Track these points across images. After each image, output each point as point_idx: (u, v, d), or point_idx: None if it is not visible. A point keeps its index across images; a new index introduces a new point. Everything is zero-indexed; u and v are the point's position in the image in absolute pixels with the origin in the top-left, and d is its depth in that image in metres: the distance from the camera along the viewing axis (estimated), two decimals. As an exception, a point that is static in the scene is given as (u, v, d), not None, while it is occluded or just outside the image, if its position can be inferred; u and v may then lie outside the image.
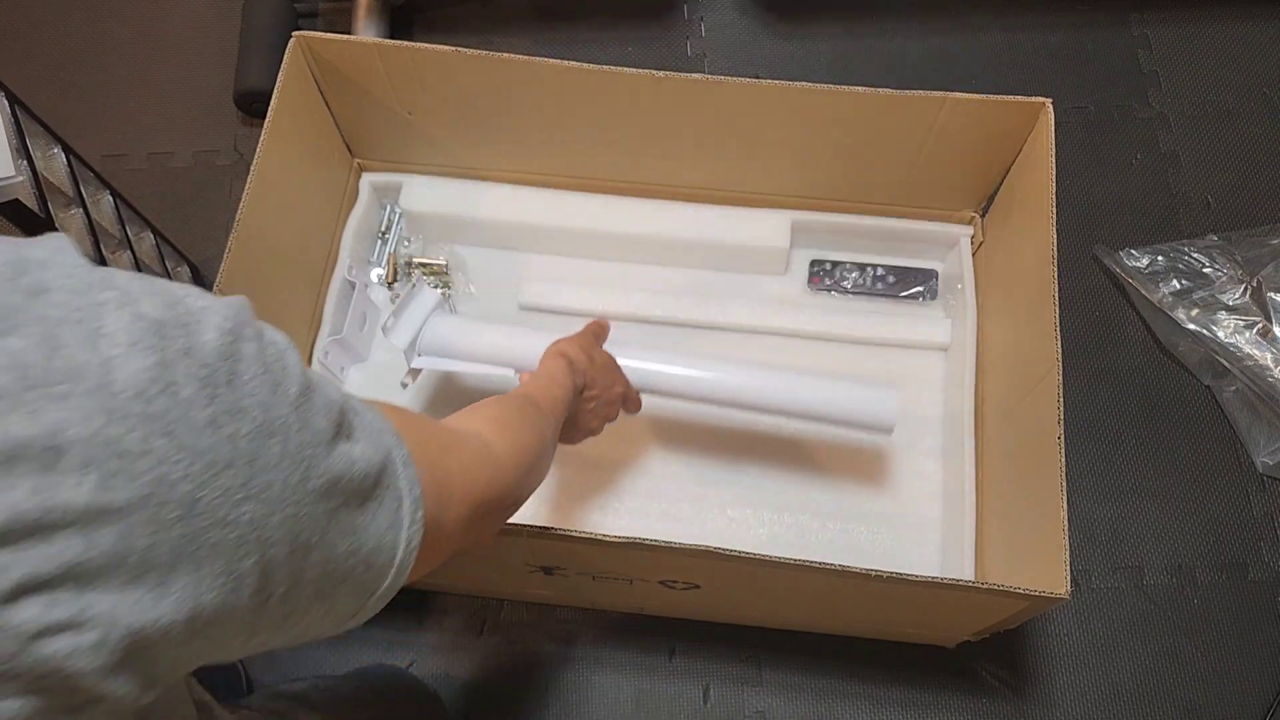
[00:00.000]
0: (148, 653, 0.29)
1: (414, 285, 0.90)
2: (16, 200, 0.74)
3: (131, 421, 0.27)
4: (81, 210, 0.87)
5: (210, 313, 0.31)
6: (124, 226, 0.95)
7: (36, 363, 0.26)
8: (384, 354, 1.00)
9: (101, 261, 0.86)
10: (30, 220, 0.76)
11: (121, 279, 0.30)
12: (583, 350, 0.78)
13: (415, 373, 0.90)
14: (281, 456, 0.31)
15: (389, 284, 1.04)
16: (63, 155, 0.87)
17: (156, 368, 0.28)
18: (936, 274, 1.04)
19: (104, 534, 0.27)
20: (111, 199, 0.95)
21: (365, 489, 0.36)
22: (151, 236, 1.02)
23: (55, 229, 0.80)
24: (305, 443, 0.33)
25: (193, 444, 0.28)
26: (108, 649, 0.27)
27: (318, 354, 0.95)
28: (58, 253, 0.29)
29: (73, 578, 0.26)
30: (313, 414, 0.34)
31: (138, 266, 0.95)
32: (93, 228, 0.88)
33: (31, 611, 0.26)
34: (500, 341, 0.87)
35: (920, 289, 1.03)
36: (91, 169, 0.92)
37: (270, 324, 0.35)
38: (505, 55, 0.85)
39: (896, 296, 1.03)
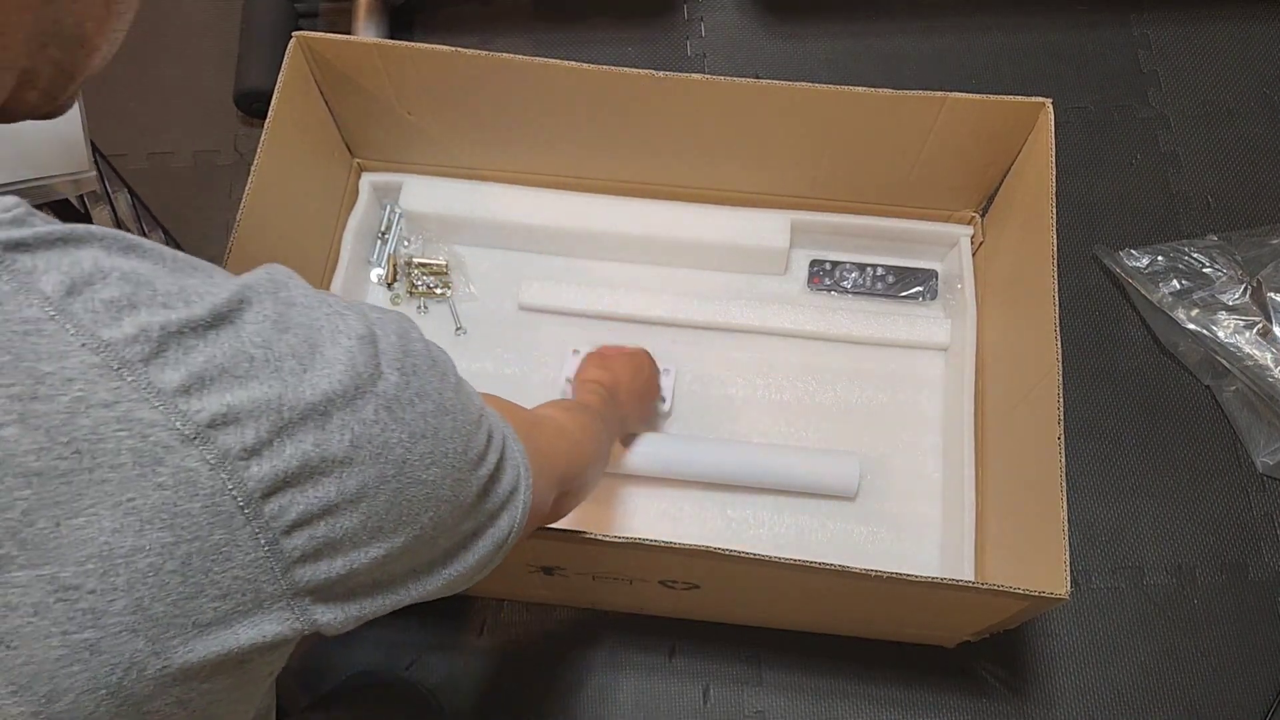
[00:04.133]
0: (349, 581, 0.36)
1: None
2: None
3: (367, 396, 0.35)
4: (109, 206, 0.87)
5: (388, 321, 0.39)
6: (140, 223, 0.96)
7: (305, 353, 0.34)
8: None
9: None
10: (72, 215, 0.76)
11: (323, 295, 0.38)
12: (601, 368, 0.87)
13: None
14: (453, 431, 0.39)
15: (389, 284, 1.04)
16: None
17: (375, 358, 0.36)
18: (936, 274, 1.04)
19: (350, 483, 0.35)
20: (129, 195, 0.95)
21: (496, 461, 0.44)
22: (162, 233, 1.02)
23: (93, 223, 0.80)
24: (465, 422, 0.41)
25: (400, 417, 0.36)
26: (338, 575, 0.35)
27: None
28: (290, 276, 0.37)
29: (327, 516, 0.34)
30: (467, 400, 0.42)
31: None
32: (119, 224, 0.88)
33: (298, 542, 0.33)
34: None
35: (920, 289, 1.03)
36: (111, 165, 0.92)
37: None
38: (505, 55, 0.85)
39: (896, 296, 1.03)
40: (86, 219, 0.79)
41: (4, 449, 0.28)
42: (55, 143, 0.70)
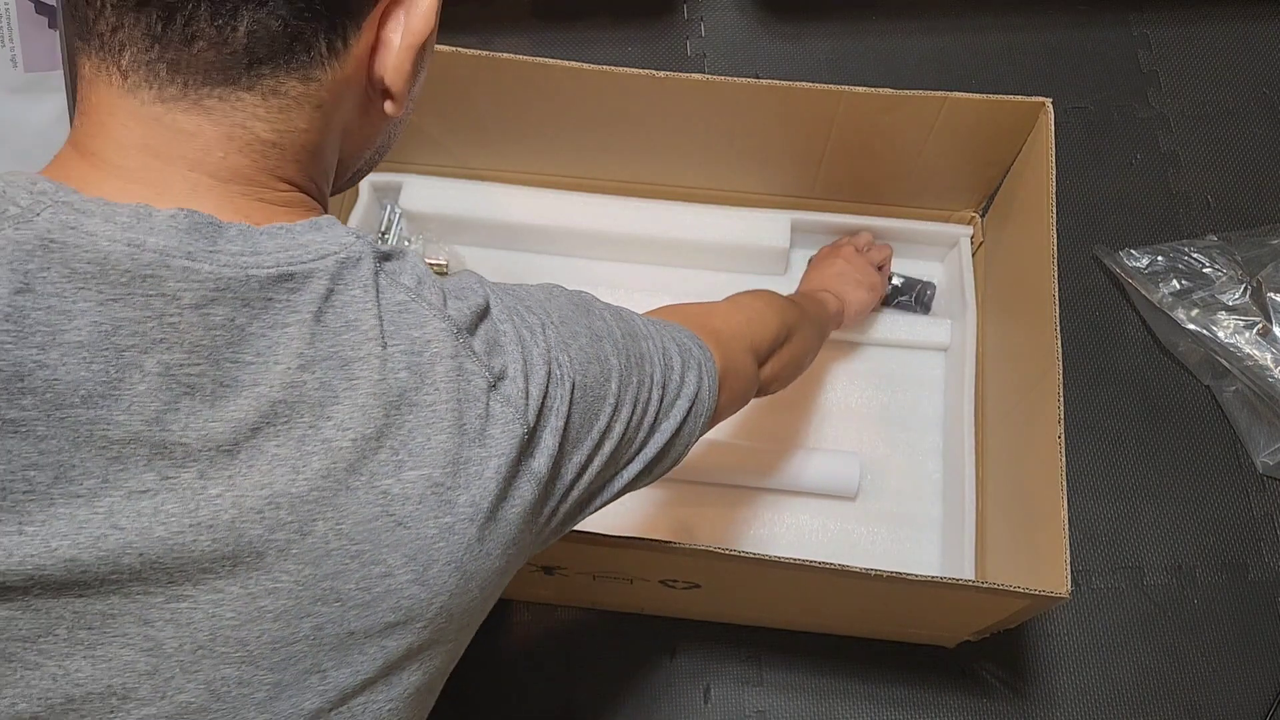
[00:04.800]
0: (571, 494, 0.48)
1: None
2: None
3: (550, 347, 0.47)
4: None
5: (533, 291, 0.50)
6: None
7: (521, 327, 0.46)
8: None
9: None
10: None
11: (507, 286, 0.49)
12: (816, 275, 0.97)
13: None
14: (612, 349, 0.50)
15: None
16: None
17: (549, 322, 0.48)
18: (934, 286, 1.04)
19: (561, 414, 0.46)
20: None
21: (660, 352, 0.54)
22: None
23: None
24: (619, 338, 0.51)
25: (571, 356, 0.47)
26: (562, 487, 0.48)
27: None
28: (482, 277, 0.48)
29: (551, 438, 0.45)
30: (614, 321, 0.52)
31: None
32: None
33: (541, 460, 0.45)
34: None
35: (906, 299, 1.03)
36: None
37: None
38: (505, 55, 0.85)
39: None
40: None
41: (403, 385, 0.40)
42: (59, 147, 0.70)
